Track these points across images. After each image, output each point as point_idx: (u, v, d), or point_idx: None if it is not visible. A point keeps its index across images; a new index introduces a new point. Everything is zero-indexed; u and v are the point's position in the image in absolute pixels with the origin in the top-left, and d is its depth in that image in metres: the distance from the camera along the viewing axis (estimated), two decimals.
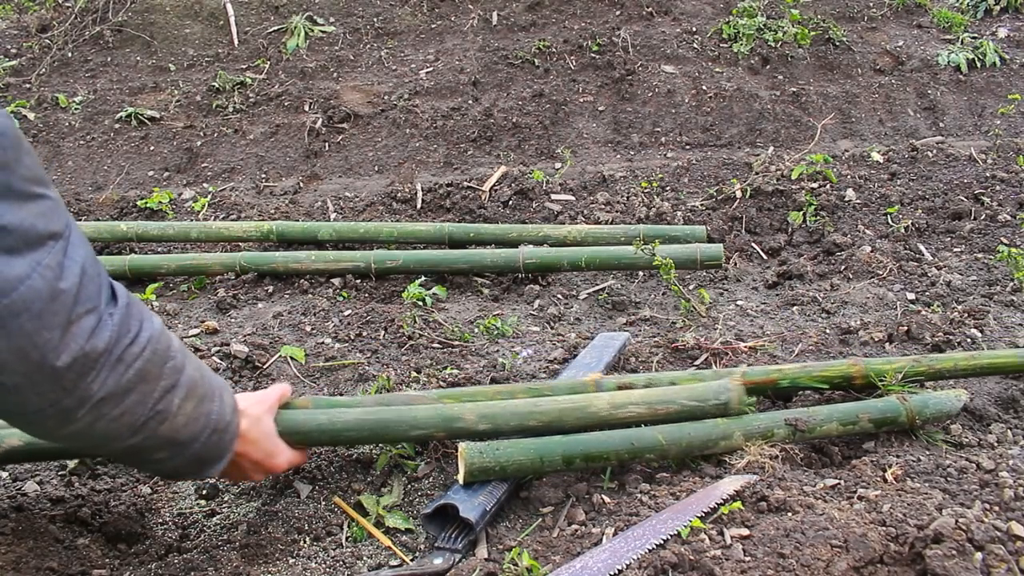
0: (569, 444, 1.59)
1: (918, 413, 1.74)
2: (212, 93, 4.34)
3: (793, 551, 1.29)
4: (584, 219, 3.25)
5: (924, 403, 1.76)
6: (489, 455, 1.53)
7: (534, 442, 1.59)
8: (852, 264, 2.85)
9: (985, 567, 1.23)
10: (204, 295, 2.86)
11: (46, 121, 4.23)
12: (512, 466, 1.54)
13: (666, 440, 1.61)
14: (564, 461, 1.57)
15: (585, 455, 1.58)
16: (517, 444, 1.58)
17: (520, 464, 1.55)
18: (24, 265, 0.99)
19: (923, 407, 1.75)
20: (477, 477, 1.53)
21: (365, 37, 4.66)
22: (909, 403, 1.74)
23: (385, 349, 2.30)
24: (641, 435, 1.62)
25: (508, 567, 1.36)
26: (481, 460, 1.53)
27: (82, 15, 4.76)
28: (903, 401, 1.74)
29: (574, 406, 1.64)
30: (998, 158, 3.57)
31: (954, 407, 1.79)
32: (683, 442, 1.63)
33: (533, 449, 1.57)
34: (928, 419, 1.76)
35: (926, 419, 1.76)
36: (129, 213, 3.55)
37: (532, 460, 1.55)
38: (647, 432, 1.63)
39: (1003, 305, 2.44)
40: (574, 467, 1.59)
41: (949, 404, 1.79)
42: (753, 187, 3.35)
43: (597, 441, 1.61)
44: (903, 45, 4.59)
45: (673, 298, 2.70)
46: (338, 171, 3.94)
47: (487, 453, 1.54)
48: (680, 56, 4.40)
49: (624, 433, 1.63)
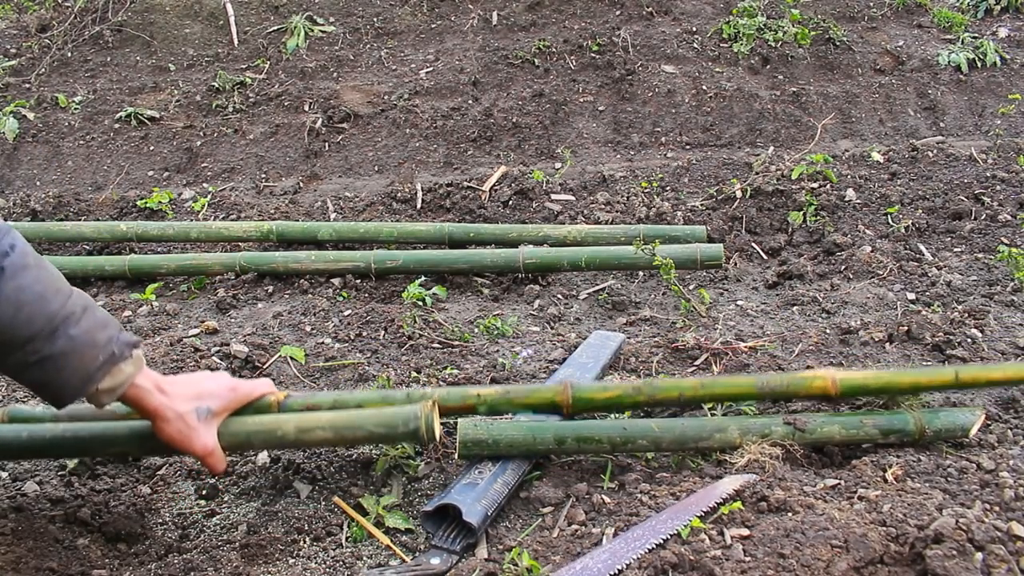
0: (561, 425, 1.66)
1: (928, 424, 1.68)
2: (212, 93, 4.34)
3: (793, 551, 1.29)
4: (584, 219, 3.25)
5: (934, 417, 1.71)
6: (483, 428, 1.61)
7: (528, 421, 1.67)
8: (852, 264, 2.85)
9: (985, 567, 1.23)
10: (204, 295, 2.86)
11: (46, 121, 4.23)
12: (504, 440, 1.60)
13: (659, 428, 1.65)
14: (556, 440, 1.63)
15: (577, 436, 1.63)
16: (511, 422, 1.66)
17: (512, 439, 1.60)
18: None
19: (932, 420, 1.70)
20: (471, 449, 1.59)
21: (365, 37, 4.66)
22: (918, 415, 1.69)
23: (385, 349, 2.30)
24: (634, 422, 1.68)
25: (508, 567, 1.36)
26: (475, 432, 1.60)
27: (82, 15, 4.76)
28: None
29: (262, 428, 1.55)
30: (998, 158, 3.56)
31: (969, 421, 1.70)
32: (676, 430, 1.66)
33: (527, 427, 1.63)
34: (939, 432, 1.70)
35: (936, 431, 1.70)
36: (129, 213, 3.55)
37: (525, 436, 1.61)
38: (640, 420, 1.69)
39: (1003, 305, 2.44)
40: (566, 447, 1.64)
41: (963, 418, 1.71)
42: (753, 187, 3.35)
43: (590, 425, 1.68)
44: (903, 45, 4.59)
45: (673, 298, 2.70)
46: (338, 171, 3.94)
47: (481, 427, 1.61)
48: (680, 56, 4.40)
49: (617, 420, 1.70)
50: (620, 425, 1.66)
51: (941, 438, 1.70)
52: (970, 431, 1.69)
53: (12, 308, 1.20)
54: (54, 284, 1.27)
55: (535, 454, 1.65)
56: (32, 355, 1.23)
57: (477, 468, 1.59)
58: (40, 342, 1.23)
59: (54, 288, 1.26)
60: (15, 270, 1.21)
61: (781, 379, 1.70)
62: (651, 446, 1.65)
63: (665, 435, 1.64)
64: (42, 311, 1.23)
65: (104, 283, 2.97)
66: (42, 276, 1.25)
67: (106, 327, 1.30)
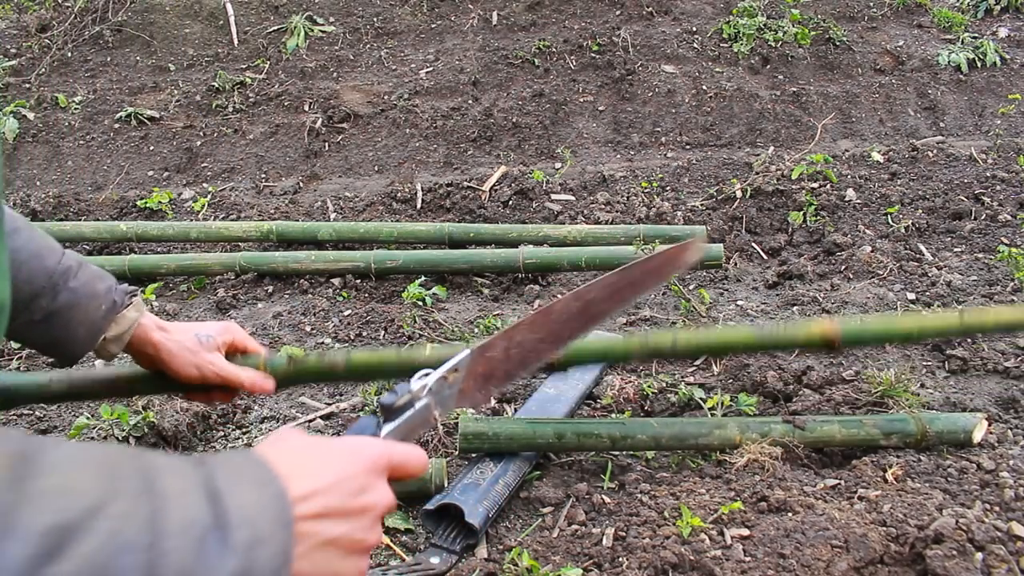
0: (561, 422, 1.67)
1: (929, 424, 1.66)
2: (212, 93, 4.34)
3: (793, 551, 1.29)
4: (584, 219, 3.25)
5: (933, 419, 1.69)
6: (484, 422, 1.63)
7: (528, 417, 1.68)
8: (852, 264, 2.85)
9: (985, 567, 1.23)
10: (204, 295, 2.85)
11: (46, 121, 4.23)
12: (504, 433, 1.61)
13: (659, 425, 1.65)
14: (556, 435, 1.63)
15: (577, 432, 1.64)
16: (512, 418, 1.69)
17: (512, 432, 1.61)
18: None
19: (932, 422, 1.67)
20: (471, 442, 1.61)
21: (365, 37, 4.66)
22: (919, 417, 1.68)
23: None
24: (634, 420, 1.70)
25: (508, 567, 1.36)
26: (476, 426, 1.61)
27: (82, 15, 4.76)
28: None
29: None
30: (998, 158, 3.56)
31: (970, 424, 1.67)
32: (675, 427, 1.66)
33: (527, 423, 1.64)
34: (941, 435, 1.67)
35: (939, 434, 1.67)
36: (129, 213, 3.55)
37: (525, 431, 1.62)
38: (640, 418, 1.71)
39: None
40: (565, 442, 1.63)
41: (964, 422, 1.69)
42: (753, 187, 3.35)
43: (589, 422, 1.68)
44: (903, 45, 4.59)
45: (673, 298, 2.69)
46: (338, 171, 3.94)
47: (482, 420, 1.64)
48: (680, 56, 4.40)
49: (617, 417, 1.71)
50: (620, 422, 1.67)
51: (944, 441, 1.66)
52: (973, 434, 1.66)
53: (12, 269, 1.21)
54: (47, 242, 1.29)
55: (535, 448, 1.65)
56: (37, 313, 1.25)
57: (479, 468, 1.59)
58: (44, 299, 1.24)
59: (48, 246, 1.28)
60: (8, 233, 1.22)
61: (782, 329, 1.59)
62: (651, 443, 1.65)
63: (664, 432, 1.64)
64: (41, 267, 1.24)
65: None
66: (34, 235, 1.27)
67: (103, 278, 1.32)
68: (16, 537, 0.50)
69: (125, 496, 0.56)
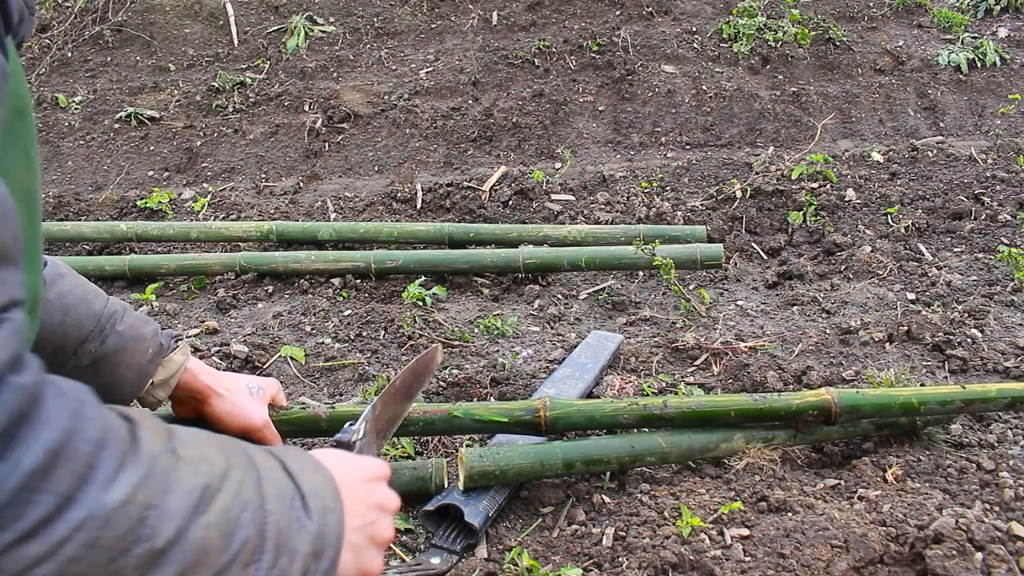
0: (569, 449, 1.58)
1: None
2: (212, 93, 4.34)
3: (793, 551, 1.29)
4: (584, 219, 3.25)
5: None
6: (489, 459, 1.51)
7: (535, 447, 1.58)
8: (852, 264, 2.85)
9: (985, 567, 1.23)
10: (204, 295, 2.85)
11: (46, 121, 4.23)
12: (512, 470, 1.52)
13: (666, 443, 1.61)
14: (565, 465, 1.56)
15: (585, 459, 1.57)
16: (517, 448, 1.57)
17: (520, 468, 1.53)
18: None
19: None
20: (477, 482, 1.50)
21: (365, 37, 4.66)
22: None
23: (385, 349, 2.29)
24: (641, 439, 1.61)
25: (508, 567, 1.36)
26: (481, 464, 1.50)
27: (82, 15, 4.76)
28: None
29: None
30: (998, 158, 3.56)
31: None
32: (683, 444, 1.61)
33: (534, 453, 1.55)
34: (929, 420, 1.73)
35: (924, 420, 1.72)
36: (129, 213, 3.55)
37: (533, 464, 1.53)
38: (647, 436, 1.62)
39: (1003, 305, 2.44)
40: (575, 470, 1.58)
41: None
42: (753, 187, 3.35)
43: (597, 445, 1.60)
44: (903, 45, 4.59)
45: (673, 298, 2.70)
46: (338, 171, 3.94)
47: (487, 457, 1.52)
48: (680, 56, 4.40)
49: (625, 438, 1.62)
50: (628, 443, 1.60)
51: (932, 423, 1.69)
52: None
53: (60, 313, 1.20)
54: (91, 287, 1.29)
55: (545, 478, 1.59)
56: (85, 358, 1.24)
57: None
58: (92, 343, 1.24)
59: (93, 290, 1.28)
60: (52, 279, 1.22)
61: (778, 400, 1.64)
62: (659, 461, 1.62)
63: (673, 450, 1.61)
64: (89, 312, 1.24)
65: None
66: (79, 281, 1.27)
67: (148, 322, 1.32)
68: (178, 492, 0.64)
69: (239, 467, 0.72)
